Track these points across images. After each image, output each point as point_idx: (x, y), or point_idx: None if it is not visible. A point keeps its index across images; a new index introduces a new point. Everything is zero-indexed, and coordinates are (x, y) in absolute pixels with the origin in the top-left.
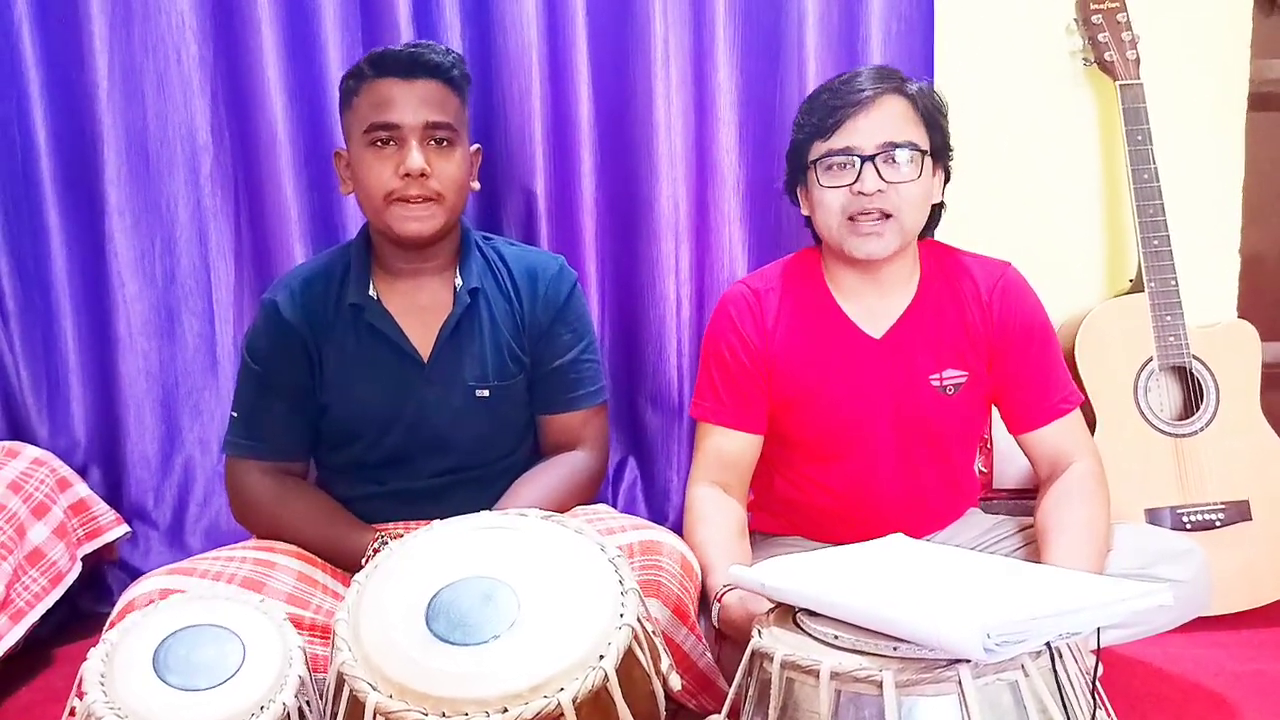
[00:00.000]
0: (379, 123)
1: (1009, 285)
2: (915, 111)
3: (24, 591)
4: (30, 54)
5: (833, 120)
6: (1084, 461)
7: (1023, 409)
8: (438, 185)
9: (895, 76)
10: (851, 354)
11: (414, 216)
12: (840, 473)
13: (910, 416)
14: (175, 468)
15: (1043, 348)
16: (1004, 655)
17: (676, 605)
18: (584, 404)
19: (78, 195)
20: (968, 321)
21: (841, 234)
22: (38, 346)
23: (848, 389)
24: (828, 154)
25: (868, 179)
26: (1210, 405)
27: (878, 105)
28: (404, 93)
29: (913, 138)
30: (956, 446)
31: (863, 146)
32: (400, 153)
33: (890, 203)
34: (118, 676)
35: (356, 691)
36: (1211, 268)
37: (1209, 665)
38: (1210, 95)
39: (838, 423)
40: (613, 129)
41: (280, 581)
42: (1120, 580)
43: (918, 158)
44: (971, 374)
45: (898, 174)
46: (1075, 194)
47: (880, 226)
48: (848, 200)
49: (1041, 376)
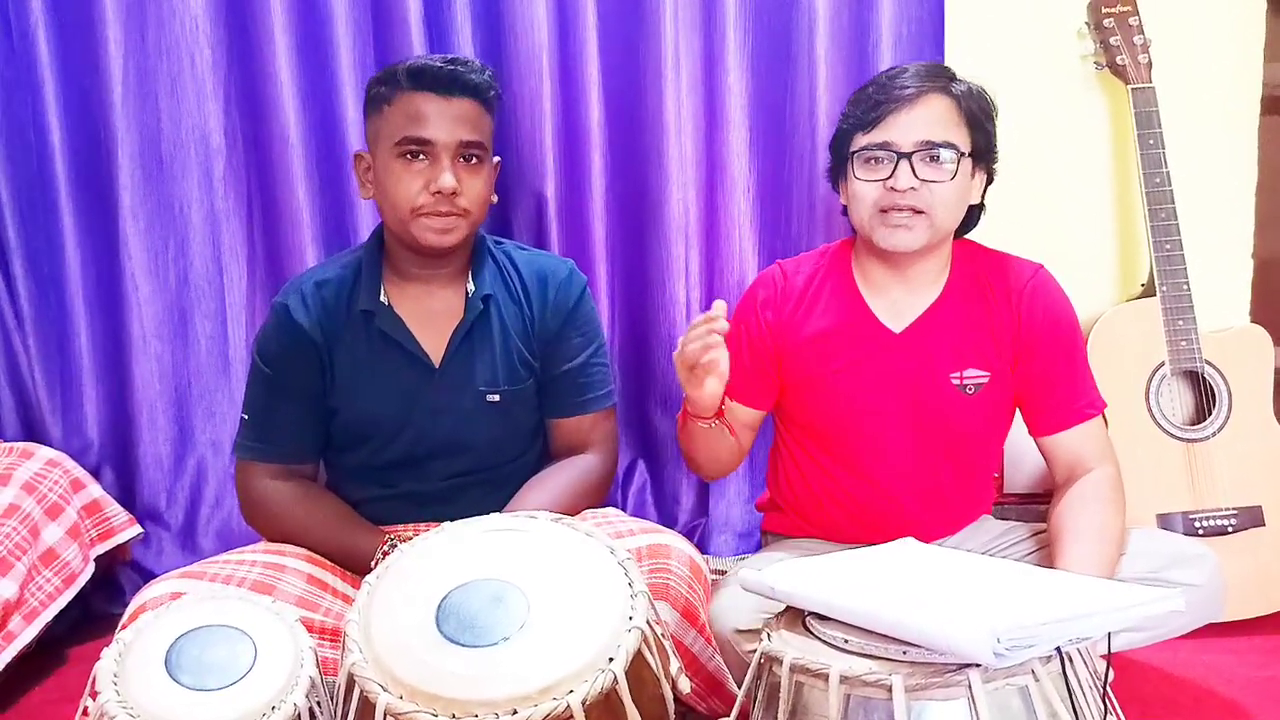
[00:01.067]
0: (414, 136)
1: (1039, 286)
2: (958, 112)
3: (38, 591)
4: (45, 58)
5: (874, 114)
6: (1102, 468)
7: (1045, 412)
8: (465, 202)
9: (944, 75)
10: (869, 346)
11: (439, 229)
12: (854, 466)
13: (928, 413)
14: (188, 469)
15: (1069, 351)
16: (1014, 660)
17: (685, 608)
18: (593, 407)
19: (92, 198)
20: (994, 321)
21: (872, 225)
22: (52, 348)
23: (863, 380)
24: (865, 147)
25: (902, 176)
26: (1222, 410)
27: (920, 103)
28: (440, 109)
29: (952, 138)
30: (976, 448)
31: (900, 143)
32: (432, 169)
33: (923, 200)
34: (131, 676)
35: (367, 692)
36: (1224, 272)
37: (1221, 671)
38: (1223, 99)
39: (852, 413)
40: (623, 132)
41: (290, 585)
42: (1132, 585)
43: (955, 158)
44: (994, 375)
45: (933, 173)
46: (1087, 198)
47: (910, 220)
48: (881, 194)
49: (1067, 380)
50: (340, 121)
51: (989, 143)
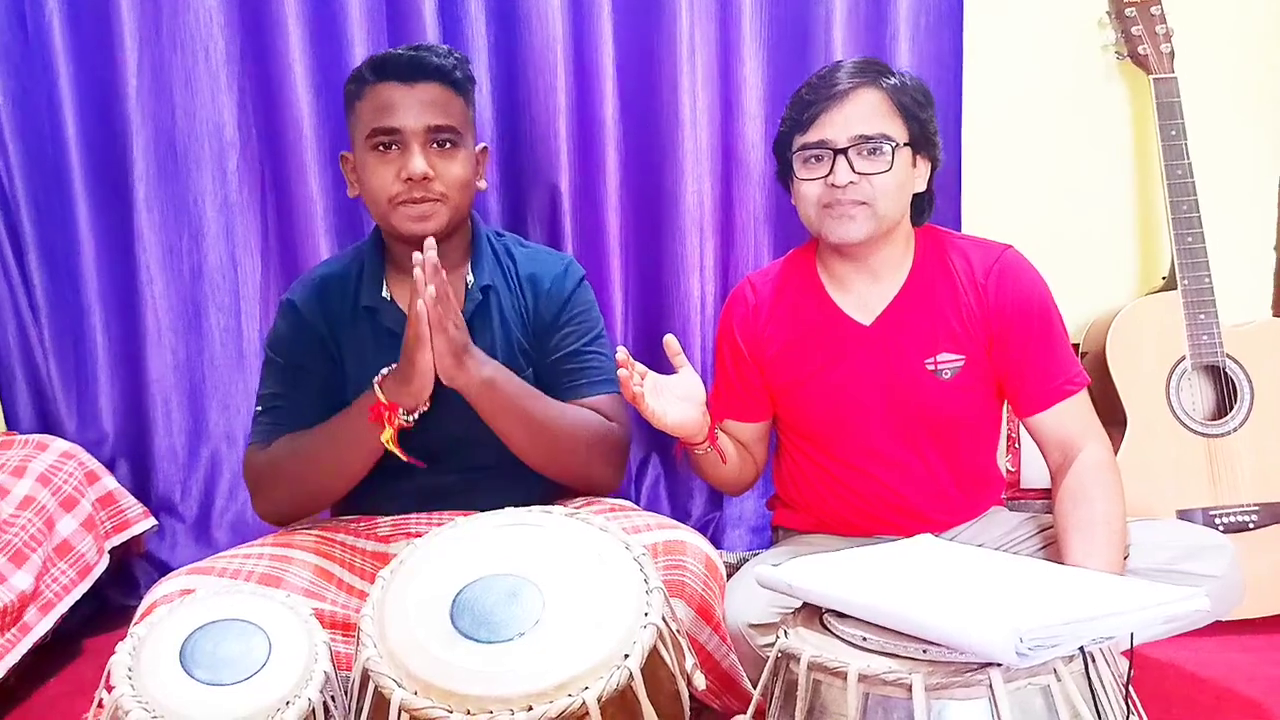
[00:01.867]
0: (380, 127)
1: (1006, 266)
2: (891, 104)
3: (53, 583)
4: (60, 52)
5: (808, 114)
6: (1093, 447)
7: (1027, 391)
8: (441, 187)
9: (872, 69)
10: (842, 342)
11: (417, 216)
12: (847, 461)
13: (906, 401)
14: (202, 461)
15: (1044, 328)
16: (1036, 659)
17: (700, 605)
18: (589, 392)
19: (106, 191)
20: (962, 304)
21: (820, 220)
22: (67, 341)
23: (840, 376)
24: (803, 147)
25: (840, 171)
26: (1244, 405)
27: (851, 99)
28: (405, 97)
29: (886, 130)
30: (964, 435)
31: (835, 140)
32: (403, 157)
33: (864, 193)
34: (145, 670)
35: (382, 688)
36: (1246, 265)
37: (1242, 669)
38: (1246, 90)
39: (835, 410)
40: (638, 124)
41: (297, 576)
42: (1155, 584)
43: (891, 149)
44: (969, 358)
45: (871, 165)
46: (1107, 190)
47: (854, 210)
48: (823, 191)
49: (1044, 358)
50: None
51: (925, 131)
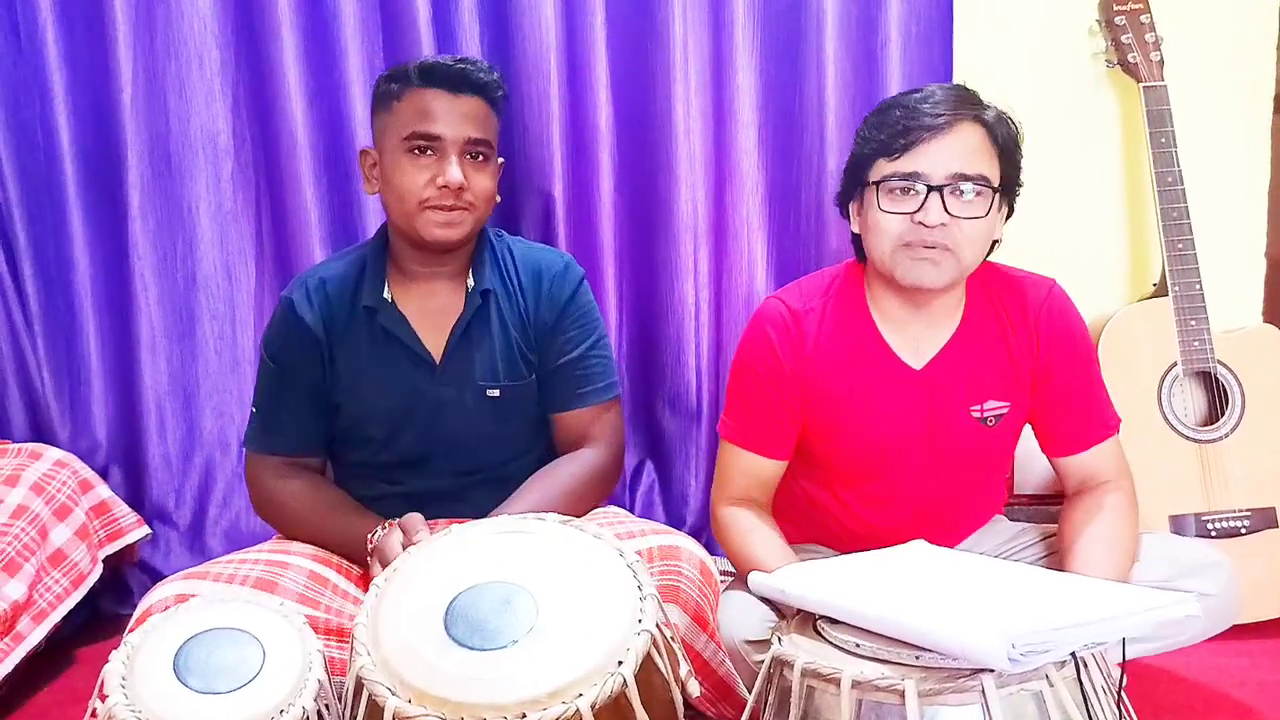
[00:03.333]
0: (422, 132)
1: (1055, 306)
2: (991, 142)
3: (46, 593)
4: (54, 60)
5: (903, 141)
6: (1117, 482)
7: (1062, 433)
8: (471, 197)
9: (975, 101)
10: (890, 385)
11: (444, 222)
12: (870, 495)
13: (947, 447)
14: (195, 469)
15: (1085, 371)
16: (1028, 665)
17: (696, 611)
18: (593, 400)
19: (100, 198)
20: (1012, 349)
21: (895, 259)
22: (60, 349)
23: (884, 419)
24: (892, 176)
25: (932, 210)
26: (1235, 410)
27: (953, 132)
28: (449, 106)
29: (984, 171)
30: (991, 471)
31: (931, 174)
32: (439, 164)
33: (951, 238)
34: (139, 679)
35: (375, 696)
36: (1236, 271)
37: (1234, 674)
38: (1236, 97)
39: (871, 451)
40: (631, 132)
41: (292, 581)
42: (1147, 590)
43: (986, 193)
44: (1014, 404)
45: (964, 209)
46: (1098, 197)
47: (937, 256)
48: (906, 228)
49: (1083, 401)
50: (348, 122)
51: (1016, 174)
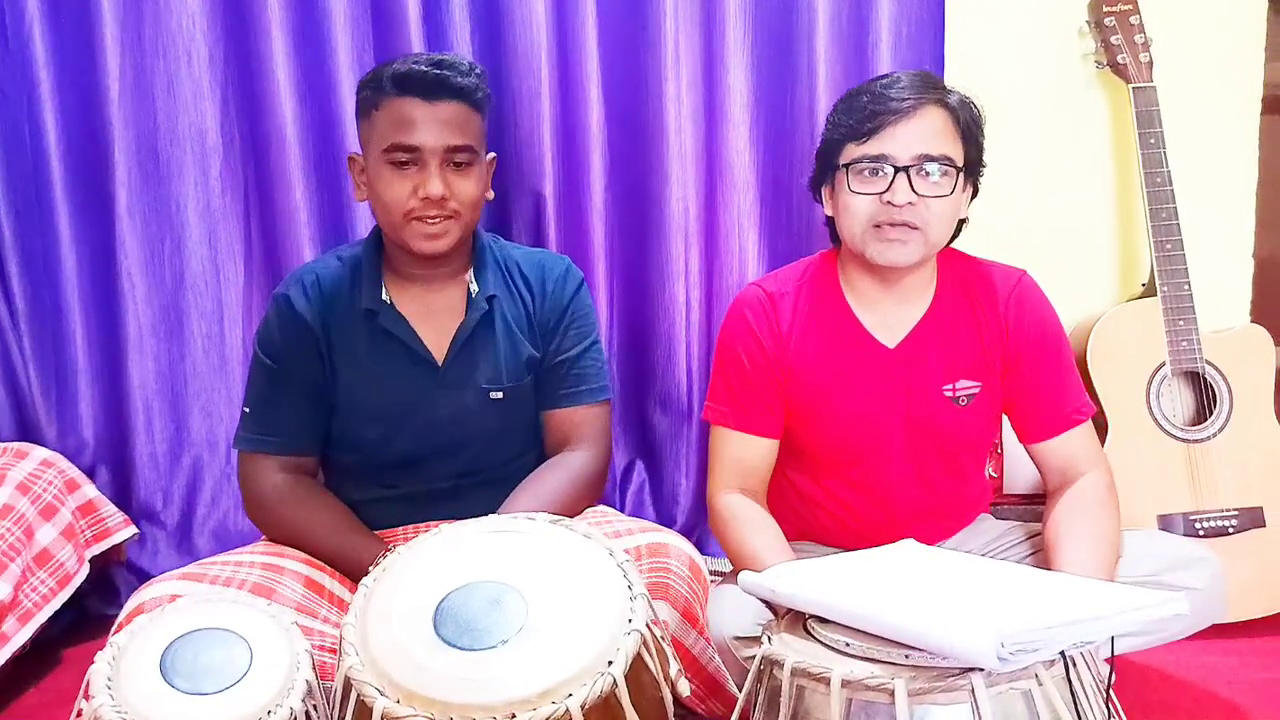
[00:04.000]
0: (400, 144)
1: (1024, 293)
2: (955, 124)
3: (32, 593)
4: (41, 56)
5: (870, 125)
6: (1094, 473)
7: (1034, 419)
8: (456, 205)
9: (938, 86)
10: (865, 364)
11: (430, 234)
12: (851, 481)
13: (922, 427)
14: (183, 469)
15: (1056, 357)
16: (1018, 664)
17: (685, 608)
18: (585, 400)
19: (88, 196)
20: (982, 332)
21: (865, 239)
22: (47, 347)
23: (860, 399)
24: (861, 159)
25: (899, 190)
26: (1223, 410)
27: (918, 115)
28: (426, 114)
29: (949, 152)
30: (967, 455)
31: (898, 156)
32: (420, 174)
33: (919, 216)
34: (124, 679)
35: (364, 696)
36: (1225, 272)
37: (1223, 673)
38: (1224, 98)
39: (849, 432)
40: (623, 131)
41: (289, 589)
42: (1135, 589)
43: (951, 173)
44: (985, 385)
45: (930, 188)
46: (1087, 197)
47: (906, 235)
48: (876, 209)
49: (1054, 387)
50: (338, 120)
51: (979, 155)
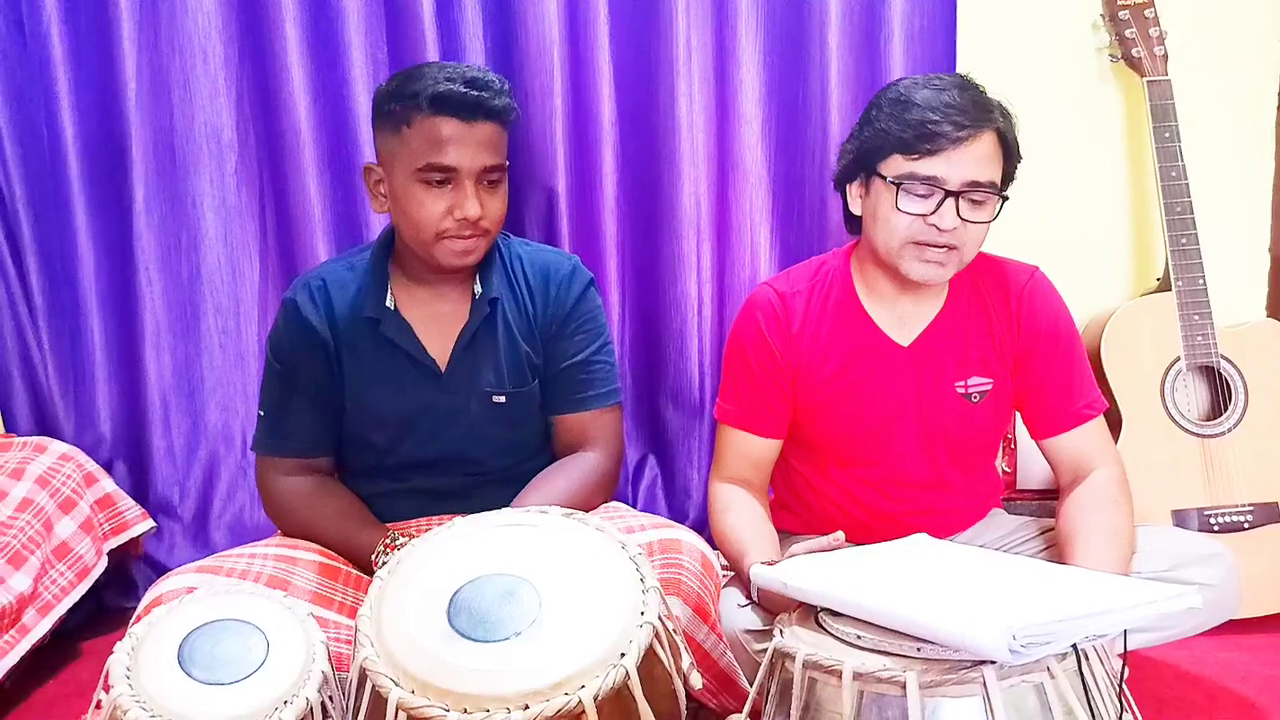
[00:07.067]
0: (436, 164)
1: (1036, 289)
2: (1001, 147)
3: (51, 585)
4: (59, 56)
5: (928, 146)
6: (1107, 468)
7: (1046, 414)
8: (487, 224)
9: (989, 106)
10: (879, 362)
11: (461, 251)
12: (863, 477)
13: (935, 423)
14: (199, 463)
15: (1067, 352)
16: (1030, 657)
17: (697, 603)
18: (593, 404)
19: (105, 193)
20: (995, 328)
21: (902, 254)
22: (65, 343)
23: (873, 397)
24: (911, 176)
25: (946, 215)
26: (1239, 405)
27: (976, 141)
28: (463, 135)
29: (995, 177)
30: (978, 450)
31: (949, 180)
32: (456, 194)
33: (959, 239)
34: (143, 670)
35: (379, 687)
36: (1240, 266)
37: (1236, 668)
38: (1240, 92)
39: (862, 429)
40: (634, 127)
41: (304, 579)
42: (1149, 582)
43: (995, 198)
44: (997, 381)
45: (974, 213)
46: (1102, 192)
47: (946, 256)
48: (919, 228)
49: (1065, 382)
50: (352, 117)
51: (1014, 171)
